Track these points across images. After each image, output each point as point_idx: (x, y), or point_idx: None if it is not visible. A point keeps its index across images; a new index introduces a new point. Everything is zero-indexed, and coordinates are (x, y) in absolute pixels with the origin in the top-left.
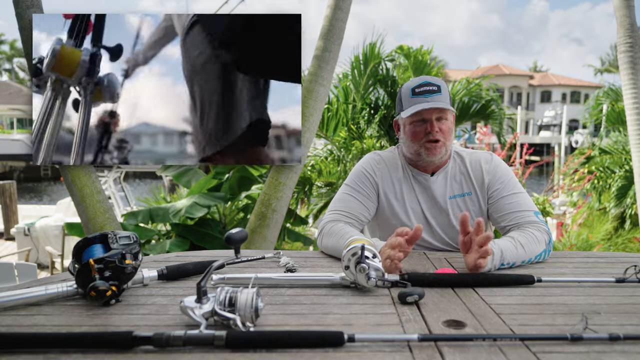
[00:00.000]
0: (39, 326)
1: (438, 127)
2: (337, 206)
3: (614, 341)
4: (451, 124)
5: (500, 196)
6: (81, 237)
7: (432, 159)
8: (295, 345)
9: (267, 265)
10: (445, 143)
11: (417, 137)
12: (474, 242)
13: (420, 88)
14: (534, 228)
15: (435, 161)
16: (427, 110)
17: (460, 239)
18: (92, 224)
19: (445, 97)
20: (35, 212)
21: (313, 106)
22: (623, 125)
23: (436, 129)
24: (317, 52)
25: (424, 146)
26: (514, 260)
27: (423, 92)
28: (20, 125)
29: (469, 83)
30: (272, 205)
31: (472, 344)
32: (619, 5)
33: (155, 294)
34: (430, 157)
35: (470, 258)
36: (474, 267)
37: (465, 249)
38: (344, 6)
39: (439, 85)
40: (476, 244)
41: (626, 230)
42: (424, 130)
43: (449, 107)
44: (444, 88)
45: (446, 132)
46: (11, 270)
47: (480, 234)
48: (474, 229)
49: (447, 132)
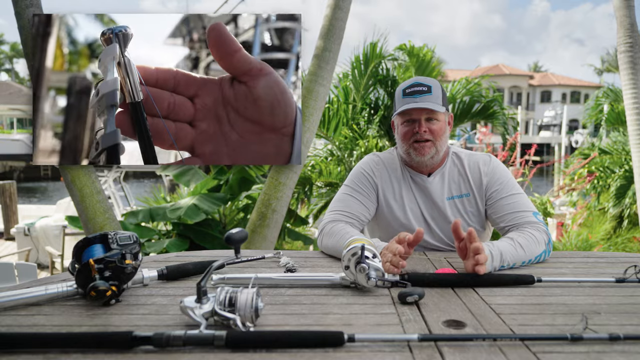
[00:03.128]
0: (39, 326)
1: (427, 127)
2: (337, 206)
3: (614, 341)
4: (443, 124)
5: (498, 197)
6: (82, 230)
7: (421, 158)
8: (295, 345)
9: (267, 265)
10: (435, 143)
11: (406, 136)
12: (469, 249)
13: (410, 89)
14: (533, 228)
15: (425, 161)
16: (416, 110)
17: (456, 245)
18: (92, 224)
19: (436, 97)
20: (35, 212)
21: (313, 106)
22: (623, 125)
23: (424, 129)
24: (317, 51)
25: (412, 146)
26: (514, 262)
27: (413, 93)
28: (20, 125)
29: (468, 82)
30: (272, 205)
31: (472, 344)
32: (619, 6)
33: (155, 294)
34: (419, 157)
35: (469, 264)
36: (472, 272)
37: (463, 255)
38: (344, 6)
39: (429, 85)
40: (471, 251)
41: (625, 230)
42: (412, 130)
43: (436, 108)
44: (436, 88)
45: (436, 132)
46: (11, 270)
47: (474, 242)
48: (466, 238)
49: (438, 132)
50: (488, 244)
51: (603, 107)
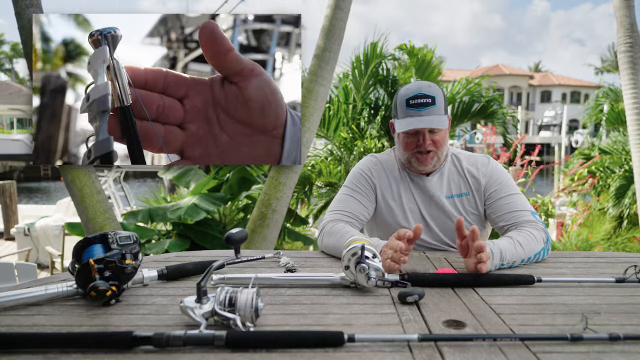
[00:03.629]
0: (39, 326)
1: (431, 139)
2: (337, 206)
3: (614, 341)
4: (445, 131)
5: (497, 197)
6: (81, 237)
7: (423, 168)
8: (295, 345)
9: (267, 265)
10: (437, 153)
11: (408, 147)
12: (471, 247)
13: (414, 100)
14: (532, 227)
15: (427, 169)
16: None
17: (458, 243)
18: (92, 224)
19: (439, 109)
20: (35, 212)
21: (313, 106)
22: (623, 125)
23: (428, 142)
24: (317, 51)
25: (415, 156)
26: (513, 260)
27: (417, 105)
28: (20, 125)
29: (468, 82)
30: (272, 205)
31: (472, 344)
32: (619, 6)
33: (155, 294)
34: (421, 167)
35: (470, 262)
36: (474, 271)
37: (464, 253)
38: (344, 6)
39: (433, 96)
40: (473, 249)
41: (624, 230)
42: (415, 142)
43: (441, 125)
44: (439, 98)
45: (439, 143)
46: (11, 270)
47: (476, 240)
48: (468, 236)
49: (440, 142)
50: (488, 243)
51: (603, 107)
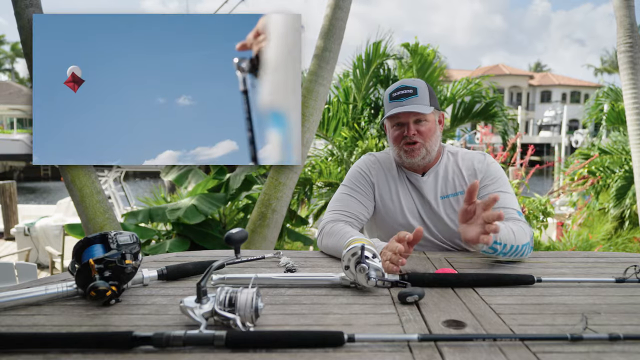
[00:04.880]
0: (39, 326)
1: (416, 129)
2: (336, 206)
3: (614, 341)
4: (432, 124)
5: (488, 191)
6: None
7: (412, 160)
8: (295, 345)
9: (267, 265)
10: (424, 144)
11: (396, 140)
12: (477, 215)
13: (396, 92)
14: (520, 223)
15: (417, 162)
16: (404, 113)
17: (464, 208)
18: (92, 224)
19: (422, 99)
20: (35, 212)
21: (313, 106)
22: (623, 124)
23: (413, 132)
24: (317, 51)
25: (403, 149)
26: (505, 242)
27: (399, 97)
28: (20, 125)
29: (468, 83)
30: (272, 205)
31: (472, 344)
32: (619, 6)
33: (155, 294)
34: (410, 159)
35: (472, 231)
36: (474, 240)
37: (465, 219)
38: (344, 6)
39: (415, 87)
40: (484, 219)
41: (626, 230)
42: (401, 134)
43: (422, 110)
44: (422, 89)
45: (425, 134)
46: (11, 270)
47: (488, 210)
48: (486, 203)
49: (427, 133)
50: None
51: (603, 107)
